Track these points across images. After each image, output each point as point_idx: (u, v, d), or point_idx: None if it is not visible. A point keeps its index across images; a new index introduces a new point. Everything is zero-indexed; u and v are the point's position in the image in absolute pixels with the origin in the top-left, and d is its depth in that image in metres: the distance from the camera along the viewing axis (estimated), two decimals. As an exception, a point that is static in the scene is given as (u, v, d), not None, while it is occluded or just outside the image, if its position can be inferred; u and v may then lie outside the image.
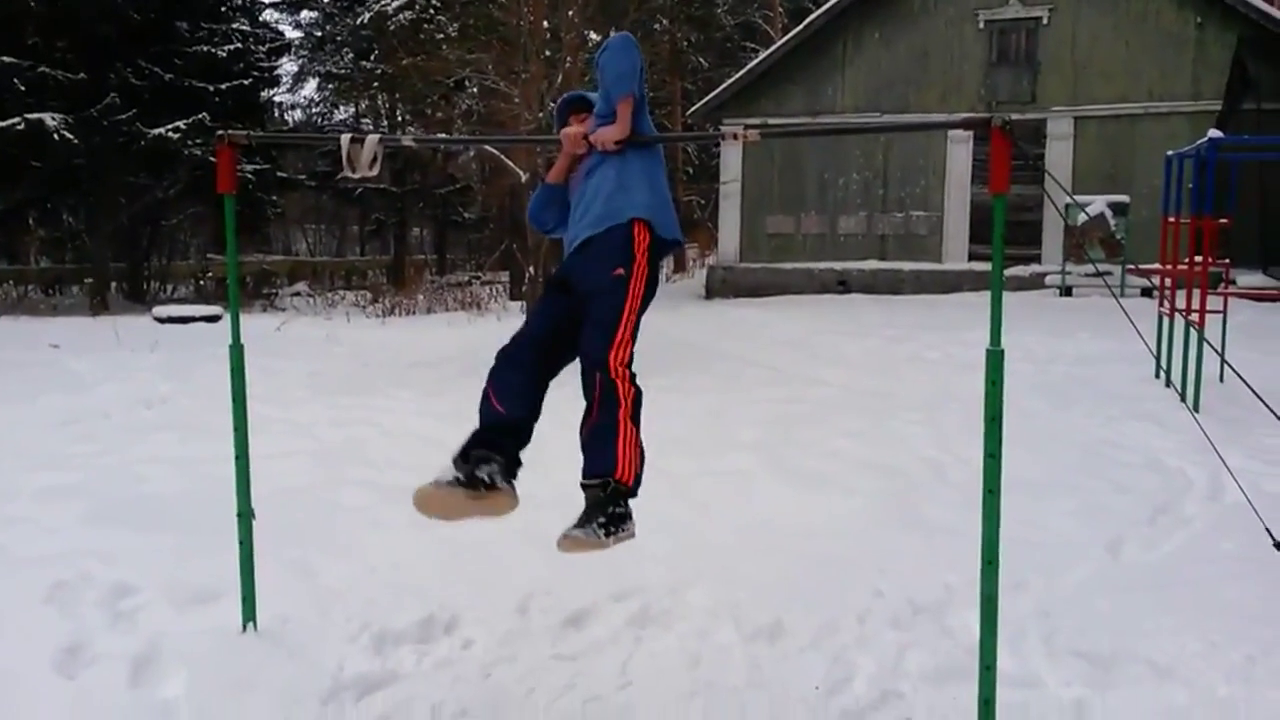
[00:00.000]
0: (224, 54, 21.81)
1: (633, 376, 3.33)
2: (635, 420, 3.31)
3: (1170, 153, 9.92)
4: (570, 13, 13.90)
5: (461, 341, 13.35)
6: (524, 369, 3.48)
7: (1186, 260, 8.78)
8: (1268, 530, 4.58)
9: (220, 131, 3.78)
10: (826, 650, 3.93)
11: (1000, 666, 3.21)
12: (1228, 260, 10.58)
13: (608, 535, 3.13)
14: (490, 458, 3.33)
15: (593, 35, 19.68)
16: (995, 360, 3.04)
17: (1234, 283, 11.93)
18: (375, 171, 3.63)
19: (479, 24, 16.40)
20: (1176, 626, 4.00)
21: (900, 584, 4.50)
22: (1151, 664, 3.71)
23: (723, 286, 20.74)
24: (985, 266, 18.13)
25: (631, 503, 3.20)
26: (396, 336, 14.35)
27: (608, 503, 3.18)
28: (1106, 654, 3.79)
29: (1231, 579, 4.55)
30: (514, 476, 3.37)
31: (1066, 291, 17.88)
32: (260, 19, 26.66)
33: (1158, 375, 9.36)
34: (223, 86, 21.20)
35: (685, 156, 30.88)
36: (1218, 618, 4.08)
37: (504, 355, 3.55)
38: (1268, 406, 4.09)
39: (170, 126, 19.48)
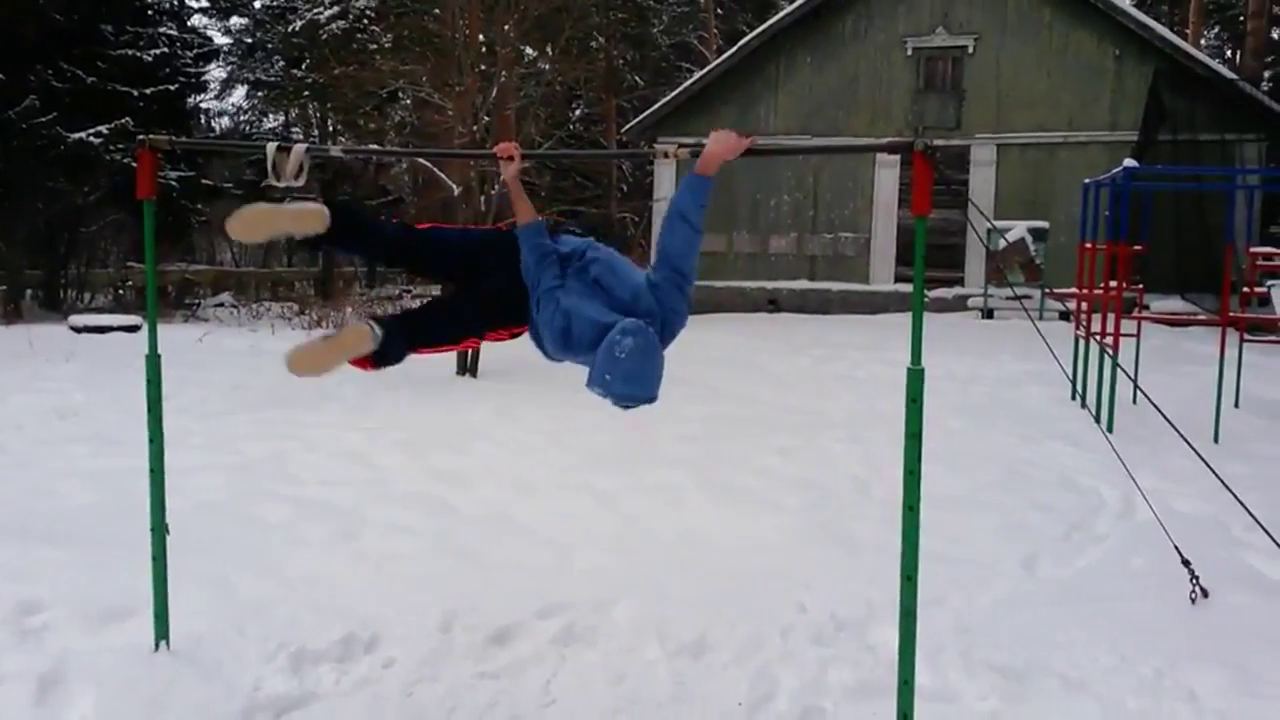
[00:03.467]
0: (149, 58, 21.30)
1: None
2: None
3: (1087, 180, 10.22)
4: (506, 27, 13.88)
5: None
6: None
7: (1102, 285, 9.05)
8: (1176, 548, 4.74)
9: (141, 136, 3.70)
10: (750, 666, 3.96)
11: (919, 681, 3.27)
12: (1141, 285, 10.92)
13: None
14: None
15: (529, 50, 19.66)
16: (915, 379, 3.10)
17: (1148, 307, 12.31)
18: (301, 181, 3.57)
19: (413, 35, 16.28)
20: (1089, 641, 4.11)
21: (824, 600, 4.55)
22: (1064, 678, 3.80)
23: (655, 304, 20.82)
24: (910, 288, 18.47)
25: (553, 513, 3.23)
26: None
27: None
28: (1021, 668, 3.87)
29: (1142, 594, 4.68)
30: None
31: (988, 314, 18.29)
32: (188, 24, 26.15)
33: (1074, 397, 9.61)
34: (147, 91, 20.69)
35: (620, 174, 30.98)
36: (1128, 632, 4.19)
37: None
38: (1177, 430, 4.22)
39: (92, 131, 18.95)
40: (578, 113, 28.01)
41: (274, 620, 4.14)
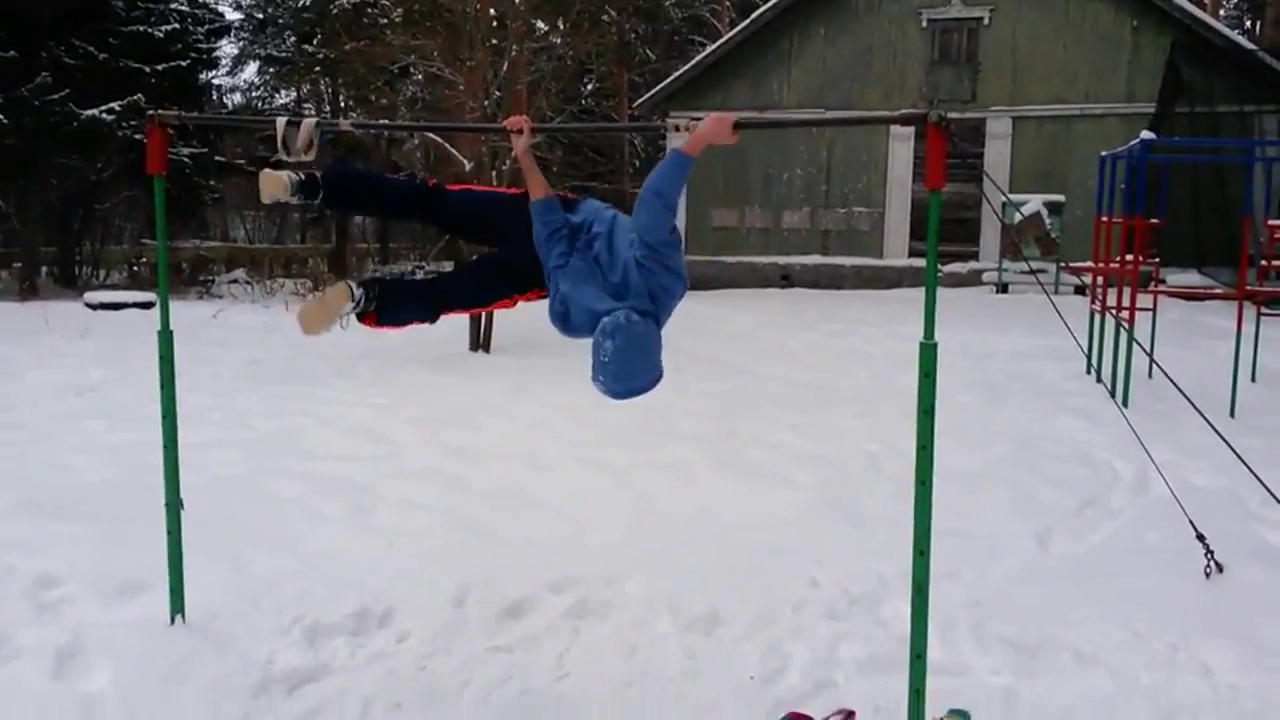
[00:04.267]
0: (161, 34, 21.25)
1: None
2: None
3: (1104, 153, 10.12)
4: (516, 0, 13.79)
5: (403, 331, 13.19)
6: None
7: (1118, 259, 8.97)
8: (1191, 523, 4.71)
9: (150, 111, 3.70)
10: (762, 640, 3.97)
11: (931, 656, 3.26)
12: (1158, 259, 10.83)
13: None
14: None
15: (540, 24, 19.52)
16: (928, 354, 3.08)
17: (1164, 281, 12.21)
18: (312, 156, 3.56)
19: (423, 9, 16.19)
20: (1102, 616, 4.10)
21: (836, 574, 4.55)
22: (1077, 652, 3.80)
23: (667, 279, 20.77)
24: (925, 262, 18.39)
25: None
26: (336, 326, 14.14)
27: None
28: (1034, 642, 3.87)
29: (1155, 570, 4.67)
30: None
31: (1003, 288, 18.19)
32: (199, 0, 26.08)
33: (1089, 371, 9.56)
34: (159, 68, 20.64)
35: (632, 149, 30.85)
36: (1142, 607, 4.18)
37: None
38: (1193, 405, 4.20)
39: (104, 108, 18.94)
40: (589, 87, 27.84)
41: (288, 594, 4.17)
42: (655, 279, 3.11)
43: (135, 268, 23.25)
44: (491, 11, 14.07)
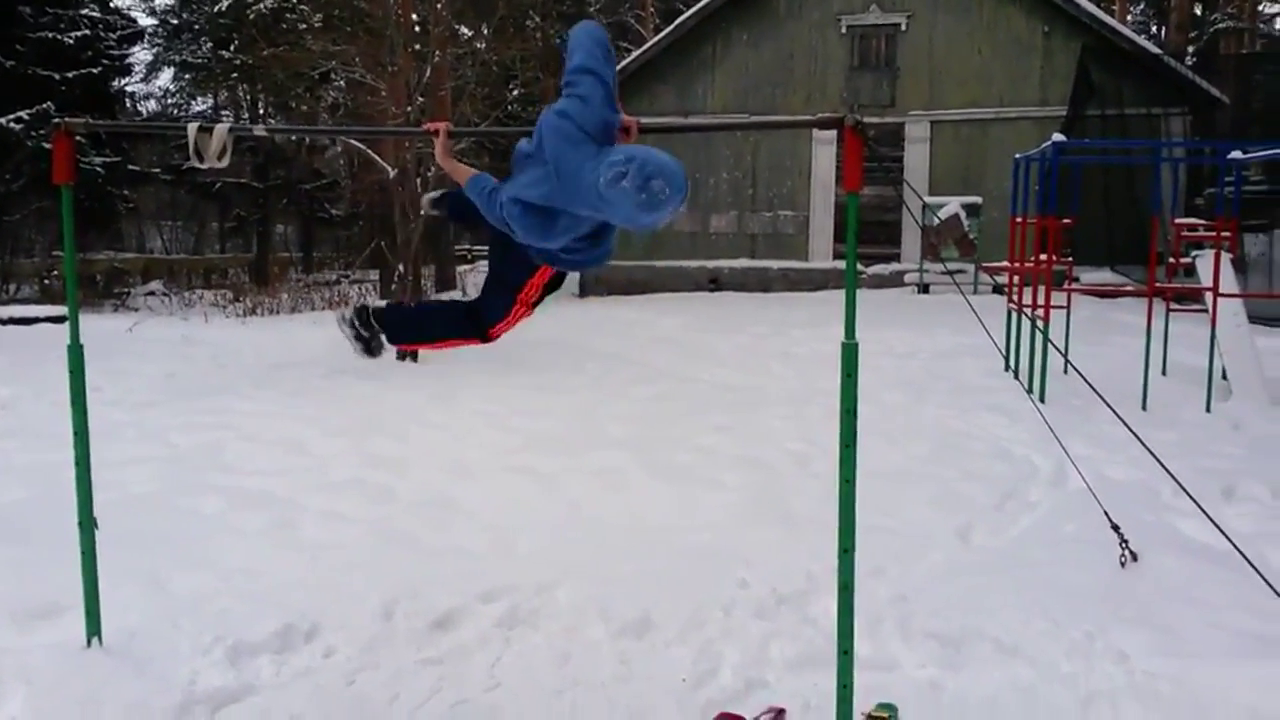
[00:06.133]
0: (71, 41, 20.65)
1: None
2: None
3: (1018, 156, 10.38)
4: (439, 5, 13.69)
5: (328, 341, 12.99)
6: None
7: (1033, 259, 9.21)
8: (1106, 514, 4.85)
9: (56, 120, 3.59)
10: (693, 643, 3.99)
11: (858, 651, 3.31)
12: (1071, 258, 11.13)
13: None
14: None
15: (463, 30, 19.40)
16: (850, 353, 3.12)
17: (1077, 280, 12.57)
18: (224, 163, 3.50)
19: (344, 15, 15.99)
20: (1022, 606, 4.19)
21: (765, 575, 4.59)
22: (998, 643, 3.88)
23: (596, 284, 20.77)
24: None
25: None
26: (258, 337, 13.88)
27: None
28: (957, 635, 3.94)
29: (1073, 561, 4.79)
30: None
31: (925, 289, 18.53)
32: (111, 4, 25.38)
33: (1007, 368, 9.79)
34: (69, 75, 20.07)
35: (558, 154, 30.76)
36: (1060, 597, 4.29)
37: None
38: (1104, 401, 4.31)
39: (12, 116, 18.36)
40: (515, 93, 27.76)
41: (209, 613, 4.07)
42: (580, 89, 3.02)
43: (47, 281, 22.52)
44: (414, 17, 13.96)
